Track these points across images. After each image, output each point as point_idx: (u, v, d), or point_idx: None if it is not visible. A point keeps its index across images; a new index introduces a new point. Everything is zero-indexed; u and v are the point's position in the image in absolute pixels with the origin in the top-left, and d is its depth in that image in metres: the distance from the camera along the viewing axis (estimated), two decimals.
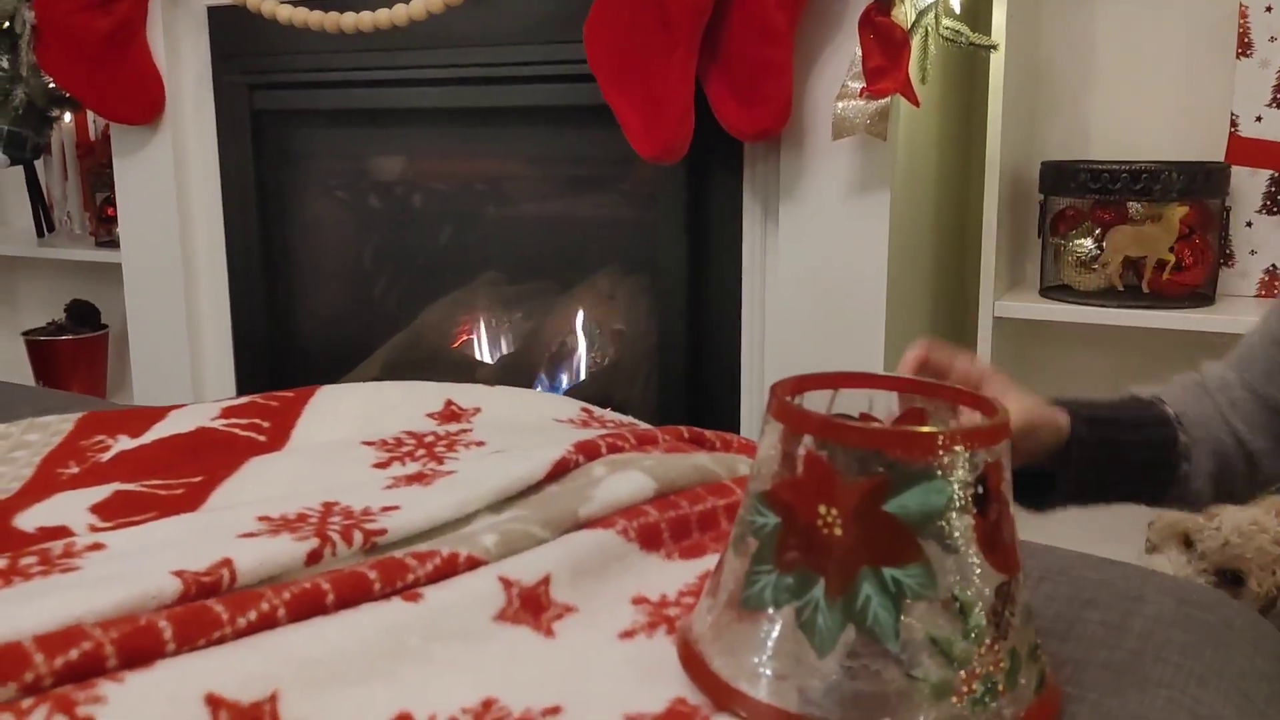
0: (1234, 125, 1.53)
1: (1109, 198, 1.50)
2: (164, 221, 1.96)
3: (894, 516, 0.48)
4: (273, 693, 0.49)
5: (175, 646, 0.50)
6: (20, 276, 2.74)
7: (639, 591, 0.63)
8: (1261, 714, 0.57)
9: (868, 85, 1.35)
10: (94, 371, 2.49)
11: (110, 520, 0.70)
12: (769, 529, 0.51)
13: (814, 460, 0.50)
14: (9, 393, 1.13)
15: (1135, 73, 1.63)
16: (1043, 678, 0.52)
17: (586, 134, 1.69)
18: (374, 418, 0.88)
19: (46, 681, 0.47)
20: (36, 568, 0.59)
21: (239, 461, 0.79)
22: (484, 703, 0.52)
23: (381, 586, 0.57)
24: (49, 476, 0.83)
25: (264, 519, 0.65)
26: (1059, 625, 0.62)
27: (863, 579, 0.48)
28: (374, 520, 0.63)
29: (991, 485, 0.49)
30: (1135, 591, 0.65)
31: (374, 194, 2.01)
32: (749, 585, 0.51)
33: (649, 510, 0.69)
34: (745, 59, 1.40)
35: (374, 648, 0.53)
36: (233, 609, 0.53)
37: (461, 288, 1.95)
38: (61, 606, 0.51)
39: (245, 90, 1.87)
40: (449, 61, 1.69)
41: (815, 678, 0.49)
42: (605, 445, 0.76)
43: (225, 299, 1.98)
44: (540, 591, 0.60)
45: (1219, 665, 0.59)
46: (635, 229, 1.81)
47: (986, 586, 0.49)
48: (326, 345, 2.03)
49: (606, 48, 1.45)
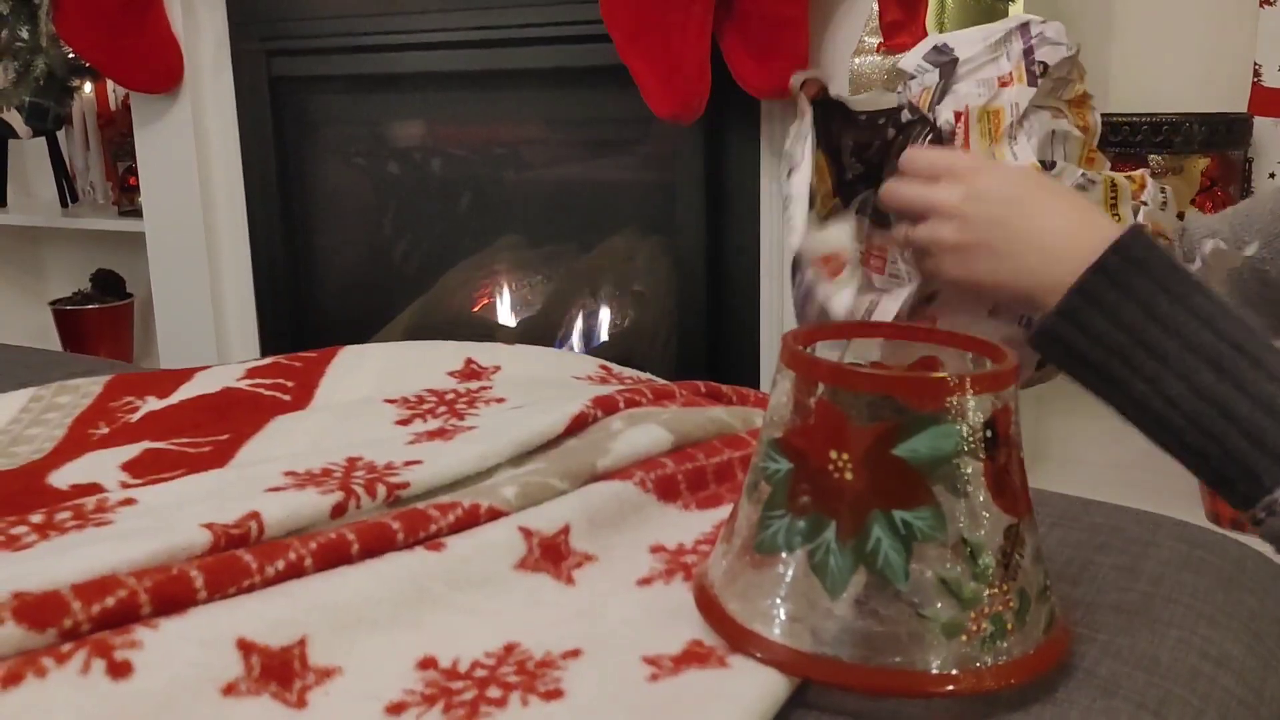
0: (1257, 75, 1.51)
1: (1129, 150, 1.49)
2: (185, 189, 1.98)
3: (904, 460, 0.49)
4: (301, 637, 0.51)
5: (206, 594, 0.52)
6: (46, 247, 2.76)
7: (656, 540, 0.64)
8: (1271, 654, 0.58)
9: (885, 40, 1.35)
10: (120, 340, 2.52)
11: (140, 477, 0.72)
12: (781, 474, 0.52)
13: (825, 407, 0.51)
14: (40, 358, 1.15)
15: (1156, 23, 1.61)
16: (1052, 618, 0.53)
17: (604, 95, 1.69)
18: (395, 376, 0.89)
19: (84, 627, 0.49)
20: (71, 522, 0.61)
21: (264, 420, 0.81)
22: (506, 647, 0.54)
23: (405, 537, 0.58)
24: (80, 437, 0.85)
25: (290, 474, 0.66)
26: (1071, 569, 0.62)
27: (873, 522, 0.49)
28: (397, 474, 0.65)
29: (1000, 429, 0.50)
30: (1147, 536, 0.66)
31: (393, 158, 2.02)
32: (762, 530, 0.52)
33: (666, 462, 0.70)
34: (762, 15, 1.40)
35: (398, 595, 0.55)
36: (261, 558, 0.54)
37: (481, 251, 1.96)
38: (96, 557, 0.53)
39: (263, 57, 1.88)
40: (466, 24, 1.69)
41: (828, 619, 0.50)
42: (623, 400, 0.77)
43: (248, 265, 2.00)
44: (560, 541, 0.61)
45: (1230, 607, 0.59)
46: (653, 190, 1.82)
47: (995, 529, 0.50)
48: (348, 310, 2.05)
49: (623, 6, 1.45)
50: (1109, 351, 0.61)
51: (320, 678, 0.50)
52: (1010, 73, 0.76)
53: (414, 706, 0.49)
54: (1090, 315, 0.62)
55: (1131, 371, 0.61)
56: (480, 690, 0.50)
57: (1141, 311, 0.61)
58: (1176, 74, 1.61)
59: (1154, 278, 0.61)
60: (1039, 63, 0.77)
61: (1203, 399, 0.60)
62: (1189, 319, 0.60)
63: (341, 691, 0.50)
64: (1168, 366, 0.60)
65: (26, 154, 2.69)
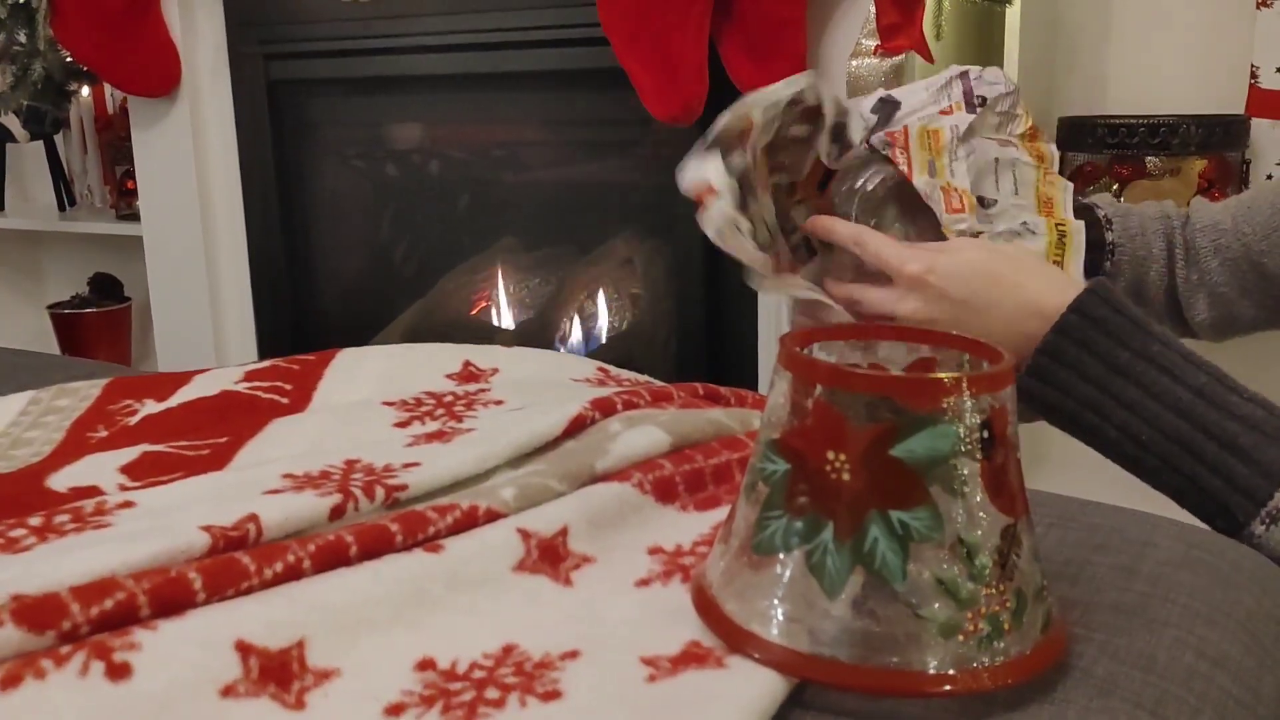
0: (1254, 77, 1.51)
1: (1127, 152, 1.49)
2: (184, 193, 1.98)
3: (901, 461, 0.49)
4: (300, 639, 0.51)
5: (205, 596, 0.52)
6: (44, 250, 2.77)
7: (655, 542, 0.64)
8: (1268, 653, 0.58)
9: (882, 42, 1.35)
10: (118, 343, 2.52)
11: (139, 480, 0.72)
12: (779, 475, 0.52)
13: (823, 407, 0.51)
14: (38, 361, 1.15)
15: (1153, 25, 1.62)
16: (1049, 618, 0.53)
17: (602, 98, 1.70)
18: (394, 379, 0.89)
19: (83, 630, 0.49)
20: (70, 525, 0.61)
21: (262, 422, 0.81)
22: (504, 648, 0.54)
23: (403, 538, 0.58)
24: (79, 440, 0.85)
25: (288, 476, 0.66)
26: (1069, 569, 0.63)
27: (871, 522, 0.49)
28: (395, 476, 0.65)
29: (997, 430, 0.50)
30: (1145, 537, 0.66)
31: (391, 162, 2.02)
32: (760, 530, 0.52)
33: (664, 464, 0.70)
34: (760, 17, 1.40)
35: (397, 596, 0.55)
36: (260, 560, 0.54)
37: (479, 254, 1.96)
38: (95, 560, 0.53)
39: (261, 60, 1.88)
40: (464, 27, 1.69)
41: (826, 620, 0.50)
42: (621, 402, 0.77)
43: (246, 268, 2.00)
44: (558, 542, 0.62)
45: (1227, 606, 0.60)
46: (651, 193, 1.82)
47: (992, 529, 0.50)
48: (346, 313, 2.05)
49: (620, 9, 1.45)
50: (1080, 403, 0.68)
51: (319, 679, 0.50)
52: (950, 106, 0.80)
53: (412, 707, 0.49)
54: (1057, 372, 0.68)
55: (1103, 419, 0.67)
56: (479, 691, 0.50)
57: (1104, 365, 0.66)
58: (1174, 76, 1.62)
59: (1112, 333, 0.65)
60: (978, 96, 0.80)
61: (1172, 441, 0.64)
62: (1148, 368, 0.65)
63: (340, 693, 0.50)
64: (1135, 414, 0.65)
65: (24, 158, 2.69)
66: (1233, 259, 0.82)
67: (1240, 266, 0.83)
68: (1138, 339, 0.66)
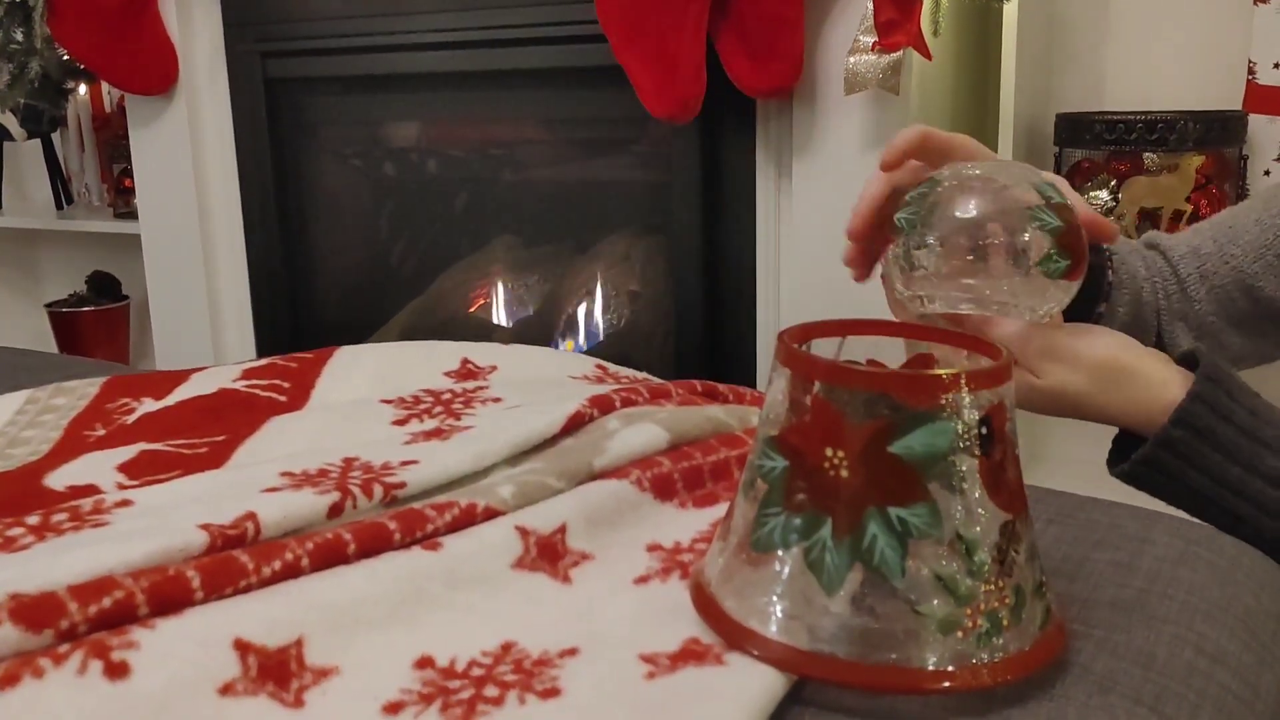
0: (1251, 73, 1.51)
1: (1124, 149, 1.49)
2: (181, 191, 1.98)
3: (899, 458, 0.49)
4: (298, 637, 0.51)
5: (203, 595, 0.52)
6: (41, 249, 2.76)
7: (653, 539, 0.64)
8: (1266, 649, 0.58)
9: (880, 39, 1.35)
10: (116, 342, 2.52)
11: (137, 478, 0.72)
12: (777, 472, 0.52)
13: (821, 404, 0.51)
14: (36, 360, 1.15)
15: (1151, 21, 1.61)
16: (1048, 614, 0.53)
17: (599, 95, 1.70)
18: (391, 377, 0.89)
19: (81, 628, 0.49)
20: (68, 524, 0.61)
21: (260, 421, 0.81)
22: (503, 645, 0.54)
23: (402, 536, 0.58)
24: (76, 438, 0.85)
25: (286, 475, 0.66)
26: (1068, 565, 0.63)
27: (869, 519, 0.49)
28: (393, 474, 0.65)
29: (995, 426, 0.50)
30: (1144, 533, 0.66)
31: (389, 159, 2.02)
32: (758, 527, 0.52)
33: (662, 461, 0.70)
34: (757, 14, 1.40)
35: (395, 594, 0.55)
36: (258, 559, 0.54)
37: (477, 252, 1.96)
38: (93, 559, 0.53)
39: (258, 58, 1.88)
40: (461, 25, 1.69)
41: (824, 616, 0.50)
42: (619, 399, 0.77)
43: (243, 267, 2.00)
44: (557, 540, 0.62)
45: (1225, 602, 0.60)
46: (649, 190, 1.82)
47: (991, 526, 0.50)
48: (344, 310, 2.05)
49: (618, 7, 1.45)
50: (1195, 494, 0.67)
51: (317, 677, 0.50)
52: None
53: (411, 705, 0.49)
54: (1169, 463, 0.66)
55: (1221, 512, 0.66)
56: (478, 689, 0.50)
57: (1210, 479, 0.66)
58: (1171, 72, 1.62)
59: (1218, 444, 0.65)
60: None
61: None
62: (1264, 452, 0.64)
63: (339, 691, 0.50)
64: (1259, 507, 0.65)
65: (22, 156, 2.69)
66: (1221, 285, 0.78)
67: (1230, 293, 0.78)
68: (1245, 442, 0.64)
